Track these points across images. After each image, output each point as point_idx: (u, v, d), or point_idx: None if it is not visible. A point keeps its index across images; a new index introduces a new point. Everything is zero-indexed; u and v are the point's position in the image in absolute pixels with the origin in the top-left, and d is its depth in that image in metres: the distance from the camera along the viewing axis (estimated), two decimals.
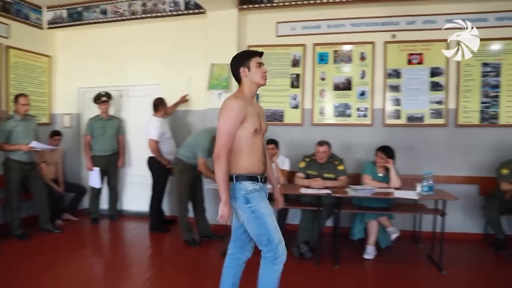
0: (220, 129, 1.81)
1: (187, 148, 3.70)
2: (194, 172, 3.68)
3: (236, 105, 1.81)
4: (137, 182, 4.53)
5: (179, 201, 3.70)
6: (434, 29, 3.95)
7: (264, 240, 1.87)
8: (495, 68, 3.91)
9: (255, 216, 1.84)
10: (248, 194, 1.84)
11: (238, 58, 1.94)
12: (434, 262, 3.25)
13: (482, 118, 3.94)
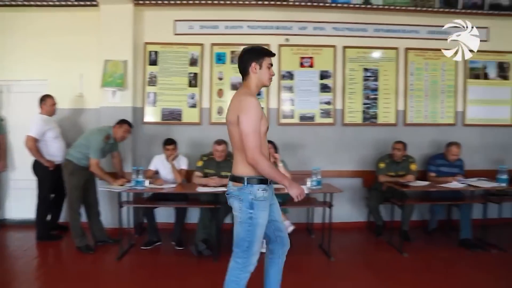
0: (247, 131, 1.82)
1: (78, 148, 3.77)
2: (86, 173, 3.78)
3: (256, 102, 1.88)
4: (22, 187, 4.35)
5: (70, 205, 3.75)
6: (323, 35, 4.59)
7: (245, 246, 1.97)
8: (373, 74, 4.69)
9: (250, 223, 1.93)
10: (255, 200, 1.92)
11: (253, 52, 1.98)
12: (324, 251, 3.81)
13: (364, 118, 4.69)
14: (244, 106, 1.85)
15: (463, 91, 4.83)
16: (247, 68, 1.97)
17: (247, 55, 1.98)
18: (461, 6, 4.57)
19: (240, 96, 1.93)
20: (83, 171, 3.72)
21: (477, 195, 4.20)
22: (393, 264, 3.50)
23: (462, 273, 3.32)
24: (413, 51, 4.67)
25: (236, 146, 1.99)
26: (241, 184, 1.95)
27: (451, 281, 3.14)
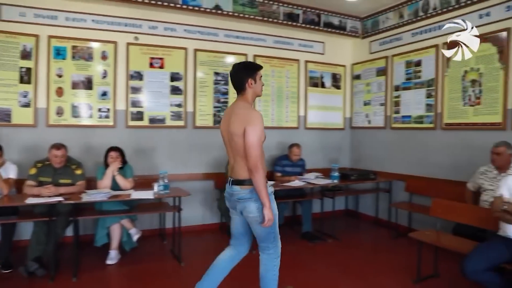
0: (252, 142, 2.22)
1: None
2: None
3: (260, 116, 2.29)
4: None
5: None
6: (174, 37, 5.06)
7: (272, 238, 2.46)
8: (224, 78, 5.41)
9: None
10: (270, 196, 2.31)
11: (247, 69, 2.39)
12: (175, 256, 4.13)
13: (215, 121, 5.34)
14: (251, 119, 2.25)
15: (305, 97, 5.94)
16: (243, 84, 2.39)
17: (242, 73, 2.40)
18: (302, 20, 5.64)
19: (245, 109, 2.33)
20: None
21: (316, 192, 5.23)
22: (243, 262, 4.10)
23: (304, 263, 4.04)
24: (261, 58, 5.55)
25: (240, 154, 2.35)
26: (251, 186, 2.33)
27: (295, 272, 3.78)
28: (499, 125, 4.08)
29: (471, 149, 4.34)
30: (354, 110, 6.14)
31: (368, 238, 4.98)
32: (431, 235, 3.55)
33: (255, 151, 2.24)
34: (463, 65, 4.42)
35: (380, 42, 5.65)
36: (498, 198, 2.86)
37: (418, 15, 4.99)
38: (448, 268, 3.57)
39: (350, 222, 5.83)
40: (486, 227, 3.20)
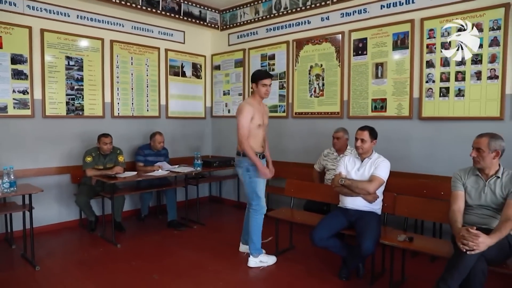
0: (241, 123, 3.38)
1: None
2: None
3: (246, 107, 3.37)
4: None
5: None
6: (14, 12, 4.43)
7: (254, 195, 3.49)
8: (78, 63, 5.01)
9: (251, 180, 3.44)
10: (249, 166, 3.42)
11: (255, 75, 3.54)
12: (28, 260, 3.73)
13: (68, 110, 4.93)
14: (239, 109, 3.40)
15: (166, 86, 5.93)
16: (252, 85, 3.52)
17: (252, 77, 3.58)
18: (161, 8, 5.58)
19: (240, 104, 3.49)
20: None
21: (179, 180, 5.31)
22: (107, 257, 3.92)
23: (171, 251, 4.10)
24: (119, 44, 5.32)
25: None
26: (239, 157, 3.46)
27: (162, 259, 3.84)
28: (337, 114, 4.81)
29: (317, 135, 5.01)
30: (214, 99, 6.40)
31: (231, 221, 5.32)
32: (286, 212, 4.03)
33: (242, 131, 3.38)
34: (309, 60, 5.06)
35: (238, 35, 6.00)
36: (337, 175, 3.42)
37: (272, 12, 5.46)
38: (302, 240, 4.09)
39: (214, 207, 6.11)
40: (330, 201, 3.79)
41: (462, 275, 2.32)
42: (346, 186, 3.26)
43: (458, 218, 2.56)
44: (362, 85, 4.54)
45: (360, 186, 3.19)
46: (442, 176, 3.80)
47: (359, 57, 4.56)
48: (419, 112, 4.10)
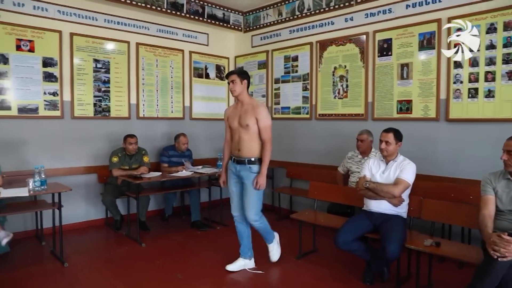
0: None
1: None
2: None
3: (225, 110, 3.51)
4: None
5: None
6: (46, 17, 4.56)
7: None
8: (105, 65, 5.11)
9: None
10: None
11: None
12: (56, 257, 3.83)
13: (95, 111, 5.04)
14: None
15: (190, 88, 5.99)
16: None
17: None
18: (186, 11, 5.64)
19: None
20: None
21: (203, 181, 5.34)
22: (132, 256, 3.98)
23: (194, 251, 4.12)
24: (144, 46, 5.41)
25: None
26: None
27: (186, 259, 3.89)
28: (362, 116, 4.73)
29: (340, 137, 4.94)
30: None
31: None
32: (309, 214, 3.98)
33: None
34: (333, 62, 5.00)
35: (261, 37, 5.99)
36: (362, 178, 3.36)
37: (295, 14, 5.43)
38: (325, 243, 4.04)
39: None
40: (354, 204, 3.73)
41: (494, 283, 2.23)
42: (371, 189, 3.20)
43: (488, 224, 2.47)
44: (387, 86, 4.46)
45: (385, 190, 3.12)
46: (471, 180, 3.68)
47: (383, 58, 4.48)
48: (446, 113, 3.99)
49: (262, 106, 3.22)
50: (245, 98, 3.23)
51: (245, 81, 3.20)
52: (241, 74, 3.21)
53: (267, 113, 3.20)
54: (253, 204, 3.25)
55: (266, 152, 3.15)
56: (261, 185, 3.17)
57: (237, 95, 3.21)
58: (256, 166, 3.19)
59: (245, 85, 3.21)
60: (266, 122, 3.15)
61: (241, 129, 3.16)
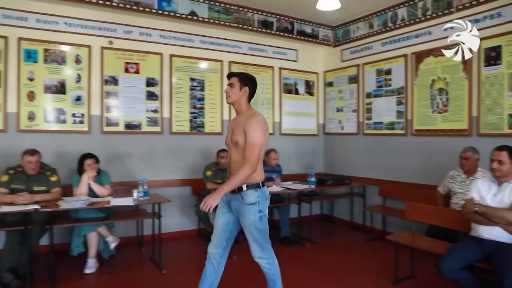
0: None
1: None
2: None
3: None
4: None
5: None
6: (149, 42, 4.99)
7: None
8: (200, 83, 5.38)
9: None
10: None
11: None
12: (155, 263, 4.07)
13: (191, 127, 5.31)
14: None
15: (279, 103, 6.02)
16: None
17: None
18: (276, 28, 5.73)
19: None
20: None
21: (292, 197, 5.28)
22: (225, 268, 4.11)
23: (283, 268, 4.09)
24: (236, 64, 5.58)
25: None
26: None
27: None
28: (465, 131, 4.30)
29: (439, 154, 4.54)
30: (327, 116, 6.28)
31: (345, 241, 5.09)
32: (407, 237, 3.68)
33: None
34: (431, 74, 4.65)
35: (351, 51, 5.82)
36: (469, 201, 3.01)
37: (387, 25, 5.18)
38: (424, 268, 3.70)
39: (326, 226, 5.94)
40: (458, 228, 3.35)
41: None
42: (481, 214, 2.84)
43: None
44: (495, 99, 4.01)
45: (499, 215, 2.75)
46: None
47: (491, 68, 4.04)
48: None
49: (255, 117, 2.47)
50: (242, 108, 2.57)
51: (245, 89, 2.56)
52: (244, 80, 2.58)
53: (259, 127, 2.43)
54: (255, 238, 2.58)
55: (238, 173, 2.38)
56: (207, 204, 2.34)
57: (232, 103, 2.58)
58: (251, 195, 2.48)
59: (244, 93, 2.56)
60: (253, 137, 2.39)
61: (232, 147, 2.56)
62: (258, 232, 2.55)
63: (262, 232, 2.57)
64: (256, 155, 2.41)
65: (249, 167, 2.39)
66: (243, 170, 2.38)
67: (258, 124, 2.45)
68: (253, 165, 2.40)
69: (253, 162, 2.40)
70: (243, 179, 2.40)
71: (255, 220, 2.51)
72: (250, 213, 2.50)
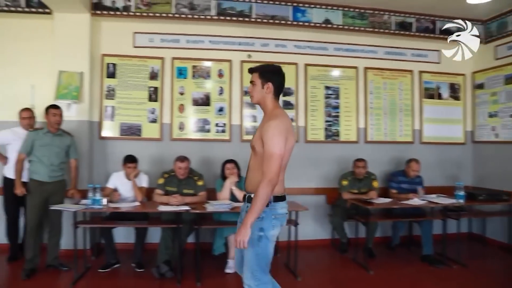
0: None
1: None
2: (43, 191, 3.69)
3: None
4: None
5: (26, 226, 3.82)
6: (285, 53, 5.10)
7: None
8: (335, 91, 5.28)
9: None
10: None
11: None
12: (290, 270, 4.09)
13: (326, 135, 5.22)
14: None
15: (419, 110, 5.54)
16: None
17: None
18: (415, 29, 5.32)
19: None
20: (39, 187, 3.75)
21: (436, 211, 4.75)
22: (361, 282, 3.83)
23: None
24: (372, 70, 5.33)
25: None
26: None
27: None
28: None
29: None
30: (476, 122, 5.54)
31: (502, 267, 4.37)
32: None
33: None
34: None
35: (508, 46, 5.04)
36: None
37: None
38: None
39: (476, 247, 5.21)
40: None
41: None
42: None
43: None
44: None
45: None
46: None
47: None
48: None
49: (273, 120, 2.05)
50: (267, 108, 2.19)
51: (269, 85, 2.16)
52: (265, 74, 2.17)
53: (277, 133, 2.02)
54: (248, 260, 2.12)
55: (257, 193, 1.98)
56: (239, 242, 1.99)
57: (257, 103, 2.24)
58: None
59: (268, 89, 2.17)
60: (270, 147, 1.99)
61: (252, 152, 2.19)
62: (253, 254, 2.09)
63: (258, 257, 2.09)
64: (274, 168, 1.98)
65: (267, 184, 1.97)
66: (261, 190, 1.97)
67: (276, 130, 2.02)
68: (272, 181, 1.97)
69: (271, 177, 1.97)
70: (265, 198, 1.99)
71: (252, 239, 2.03)
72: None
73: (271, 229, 2.09)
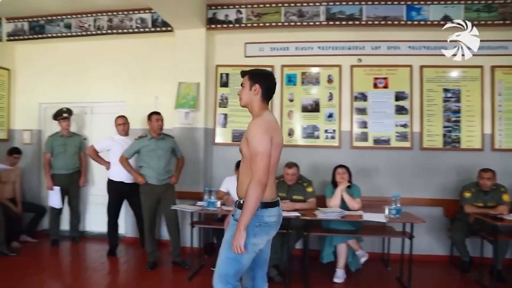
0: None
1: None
2: (156, 192, 4.05)
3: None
4: (100, 202, 4.90)
5: (145, 224, 4.24)
6: (398, 55, 4.77)
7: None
8: (455, 94, 4.78)
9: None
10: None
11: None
12: (403, 285, 3.83)
13: (445, 142, 4.74)
14: None
15: None
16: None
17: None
18: None
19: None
20: (152, 190, 4.12)
21: None
22: None
23: None
24: (501, 68, 4.68)
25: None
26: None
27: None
28: None
29: None
30: None
31: None
32: None
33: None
34: None
35: None
36: None
37: None
38: None
39: None
40: None
41: None
42: None
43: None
44: None
45: None
46: None
47: None
48: None
49: (255, 119, 2.05)
50: (254, 110, 2.15)
51: (256, 86, 2.11)
52: (254, 76, 2.13)
53: (260, 131, 1.97)
54: (220, 262, 2.05)
55: (248, 194, 1.90)
56: (236, 246, 1.92)
57: (244, 106, 2.18)
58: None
59: (256, 91, 2.12)
60: (254, 145, 1.94)
61: (241, 156, 2.11)
62: (224, 257, 2.03)
63: (228, 261, 2.01)
64: (261, 167, 1.90)
65: (256, 183, 1.90)
66: (250, 190, 1.90)
67: (258, 128, 1.98)
68: (261, 180, 1.90)
69: (259, 177, 1.90)
70: (255, 200, 1.91)
71: (227, 241, 2.02)
72: (232, 229, 2.01)
73: (252, 237, 1.99)
